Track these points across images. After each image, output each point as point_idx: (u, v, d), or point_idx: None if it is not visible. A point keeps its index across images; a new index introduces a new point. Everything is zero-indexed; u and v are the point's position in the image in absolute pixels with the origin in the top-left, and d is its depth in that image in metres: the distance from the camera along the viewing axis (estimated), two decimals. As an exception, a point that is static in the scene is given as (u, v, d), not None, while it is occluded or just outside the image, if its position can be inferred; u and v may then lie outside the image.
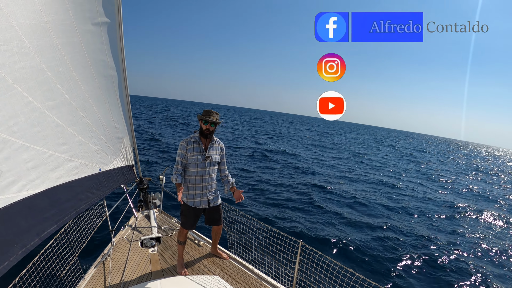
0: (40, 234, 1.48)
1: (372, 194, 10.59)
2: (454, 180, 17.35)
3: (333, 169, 15.25)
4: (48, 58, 1.72)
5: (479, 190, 15.04)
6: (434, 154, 37.71)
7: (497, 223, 9.30)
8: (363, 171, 15.85)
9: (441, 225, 8.21)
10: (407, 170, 18.74)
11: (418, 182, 14.62)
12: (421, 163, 24.46)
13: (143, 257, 2.94)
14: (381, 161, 21.82)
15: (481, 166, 31.23)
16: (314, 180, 11.63)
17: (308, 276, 2.62)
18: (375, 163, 19.81)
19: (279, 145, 21.94)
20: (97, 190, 2.23)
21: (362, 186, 11.91)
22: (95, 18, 2.21)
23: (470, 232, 7.99)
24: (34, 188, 1.51)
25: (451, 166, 26.18)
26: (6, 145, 1.35)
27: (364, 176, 14.30)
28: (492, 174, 24.06)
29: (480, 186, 16.58)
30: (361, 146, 33.17)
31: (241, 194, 2.63)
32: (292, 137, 32.79)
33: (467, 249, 6.81)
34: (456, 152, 53.84)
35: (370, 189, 11.55)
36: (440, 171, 20.98)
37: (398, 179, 14.78)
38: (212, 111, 2.63)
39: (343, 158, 20.38)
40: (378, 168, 17.99)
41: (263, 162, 14.28)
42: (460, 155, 44.93)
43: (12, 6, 1.44)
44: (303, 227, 6.76)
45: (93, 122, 2.30)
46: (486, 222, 9.24)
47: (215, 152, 2.68)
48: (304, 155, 18.66)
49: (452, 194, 12.93)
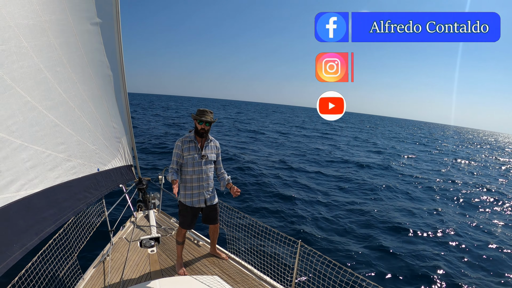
0: (39, 233, 1.48)
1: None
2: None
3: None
4: (46, 58, 1.72)
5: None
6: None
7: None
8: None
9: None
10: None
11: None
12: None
13: (142, 257, 2.94)
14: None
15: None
16: (303, 180, 11.63)
17: (307, 276, 2.62)
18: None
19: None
20: (95, 190, 2.23)
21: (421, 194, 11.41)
22: (92, 18, 2.21)
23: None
24: (32, 188, 1.51)
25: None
26: (5, 144, 1.35)
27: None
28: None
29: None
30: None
31: (238, 188, 2.70)
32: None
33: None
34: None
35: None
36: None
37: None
38: (207, 110, 2.63)
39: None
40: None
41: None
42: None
43: (10, 6, 1.44)
44: (303, 227, 6.76)
45: (91, 122, 2.30)
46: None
47: (211, 151, 2.69)
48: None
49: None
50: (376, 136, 36.64)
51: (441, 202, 10.48)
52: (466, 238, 7.28)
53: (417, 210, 9.24)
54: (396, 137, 39.92)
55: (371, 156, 19.04)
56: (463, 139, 57.69)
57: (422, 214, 8.84)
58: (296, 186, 10.40)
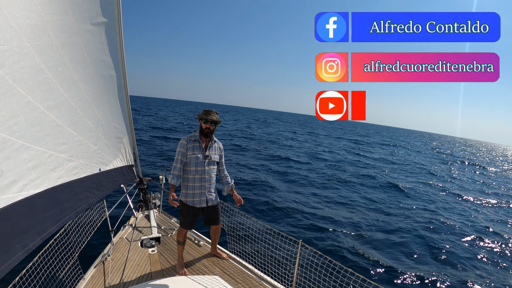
0: (41, 233, 1.48)
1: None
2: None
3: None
4: (48, 58, 1.72)
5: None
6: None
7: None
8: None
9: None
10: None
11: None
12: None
13: (143, 257, 2.94)
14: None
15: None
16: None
17: (308, 276, 2.62)
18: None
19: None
20: (97, 190, 2.23)
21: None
22: (94, 18, 2.21)
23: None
24: (34, 188, 1.51)
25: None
26: (6, 145, 1.35)
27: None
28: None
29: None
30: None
31: (240, 198, 2.74)
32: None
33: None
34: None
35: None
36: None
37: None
38: (212, 110, 2.63)
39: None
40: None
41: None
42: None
43: (12, 6, 1.44)
44: (303, 226, 6.77)
45: (92, 122, 2.30)
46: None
47: (214, 152, 2.69)
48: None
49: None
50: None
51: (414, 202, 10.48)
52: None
53: (410, 211, 9.26)
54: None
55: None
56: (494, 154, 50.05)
57: (423, 214, 8.85)
58: (297, 186, 10.41)
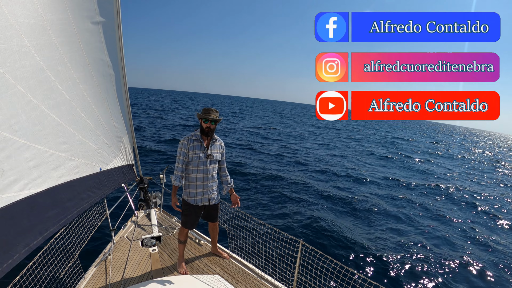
0: (43, 233, 1.48)
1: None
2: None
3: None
4: (47, 57, 1.72)
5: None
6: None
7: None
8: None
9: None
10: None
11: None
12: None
13: (143, 256, 2.94)
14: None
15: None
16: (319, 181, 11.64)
17: (308, 276, 2.62)
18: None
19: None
20: (98, 189, 2.23)
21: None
22: (93, 17, 2.21)
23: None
24: (36, 187, 1.51)
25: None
26: (8, 144, 1.35)
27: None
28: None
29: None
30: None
31: (238, 200, 2.74)
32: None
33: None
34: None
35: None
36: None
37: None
38: (212, 109, 2.61)
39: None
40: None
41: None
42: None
43: (12, 5, 1.43)
44: (304, 226, 6.78)
45: (92, 121, 2.30)
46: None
47: (216, 150, 2.68)
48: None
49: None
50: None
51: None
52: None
53: (410, 212, 9.28)
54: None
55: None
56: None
57: (420, 219, 8.87)
58: (297, 186, 10.42)
